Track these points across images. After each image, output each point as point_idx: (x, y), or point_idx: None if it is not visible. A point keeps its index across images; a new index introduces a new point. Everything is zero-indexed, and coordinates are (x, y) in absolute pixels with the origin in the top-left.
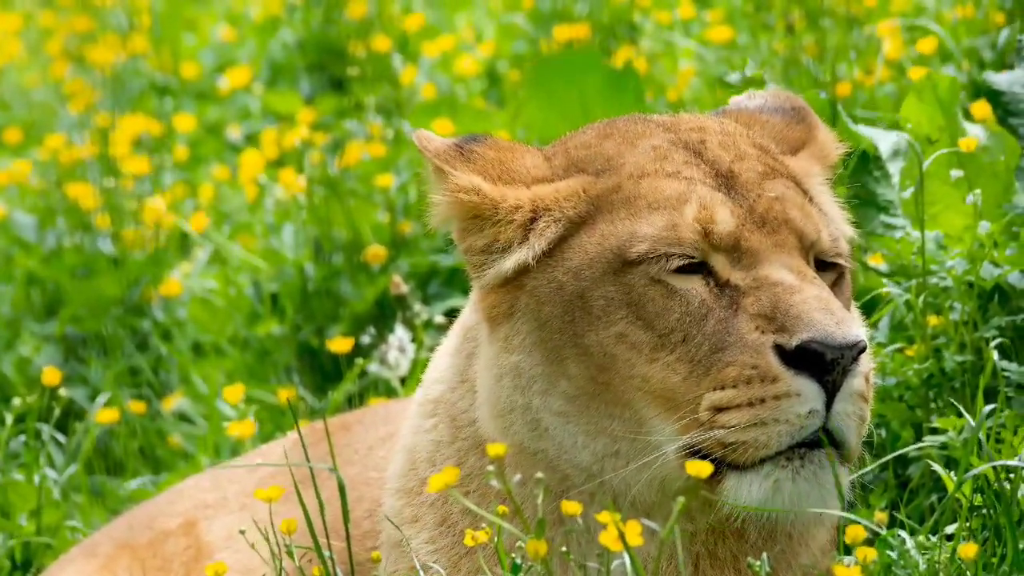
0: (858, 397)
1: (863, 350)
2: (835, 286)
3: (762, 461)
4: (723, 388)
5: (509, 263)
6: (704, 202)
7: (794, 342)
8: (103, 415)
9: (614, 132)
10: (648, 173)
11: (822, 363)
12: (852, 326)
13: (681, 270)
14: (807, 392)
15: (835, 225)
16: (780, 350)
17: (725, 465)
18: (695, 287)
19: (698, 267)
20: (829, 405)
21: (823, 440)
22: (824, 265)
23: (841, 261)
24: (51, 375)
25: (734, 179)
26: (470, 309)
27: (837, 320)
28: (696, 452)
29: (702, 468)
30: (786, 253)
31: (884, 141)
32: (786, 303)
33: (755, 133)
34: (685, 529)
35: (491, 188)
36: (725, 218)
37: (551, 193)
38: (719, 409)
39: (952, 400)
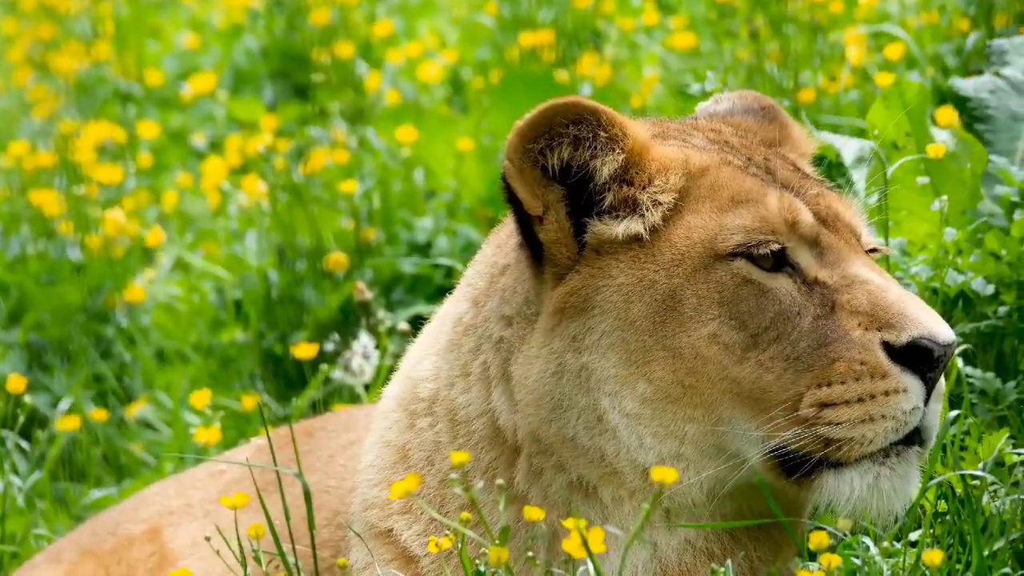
0: (941, 396)
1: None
2: None
3: (859, 459)
4: (830, 384)
5: (618, 229)
6: (783, 195)
7: (904, 338)
8: (66, 422)
9: (658, 131)
10: (725, 163)
11: (928, 360)
12: (946, 324)
13: (767, 267)
14: (913, 388)
15: None
16: (887, 347)
17: (824, 464)
18: (784, 285)
19: (783, 263)
20: (925, 403)
21: (917, 437)
22: None
23: (877, 247)
24: (15, 382)
25: (776, 176)
26: (467, 306)
27: (935, 317)
28: (782, 454)
29: (667, 474)
30: (857, 249)
31: (847, 148)
32: (885, 300)
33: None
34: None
35: (648, 137)
36: (805, 211)
37: (666, 155)
38: (825, 405)
39: None
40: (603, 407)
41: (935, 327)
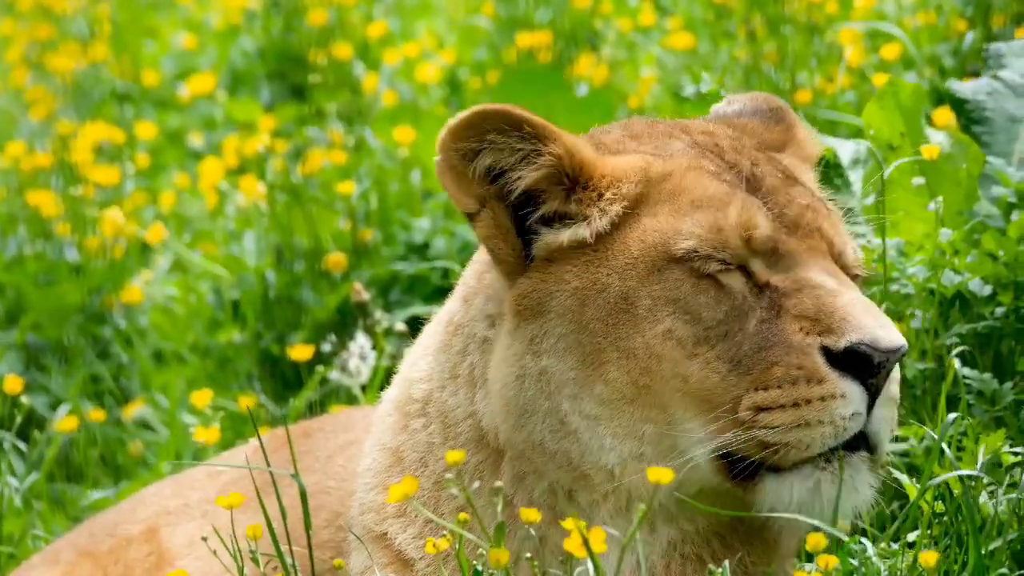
0: (893, 403)
1: (904, 355)
2: None
3: (800, 463)
4: (766, 388)
5: (563, 237)
6: (746, 205)
7: (843, 343)
8: (64, 423)
9: (643, 131)
10: (693, 167)
11: (868, 366)
12: (895, 330)
13: (722, 268)
14: (852, 394)
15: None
16: (827, 352)
17: (763, 467)
18: (737, 284)
19: (737, 268)
20: (870, 409)
21: (865, 442)
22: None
23: (861, 274)
24: (12, 383)
25: (759, 183)
26: (458, 305)
27: (882, 323)
28: (729, 454)
29: (662, 475)
30: (821, 257)
31: (844, 149)
32: (831, 305)
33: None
34: (685, 530)
35: (594, 153)
36: (764, 223)
37: (622, 166)
38: (761, 409)
39: (913, 408)
40: (564, 410)
41: (877, 333)
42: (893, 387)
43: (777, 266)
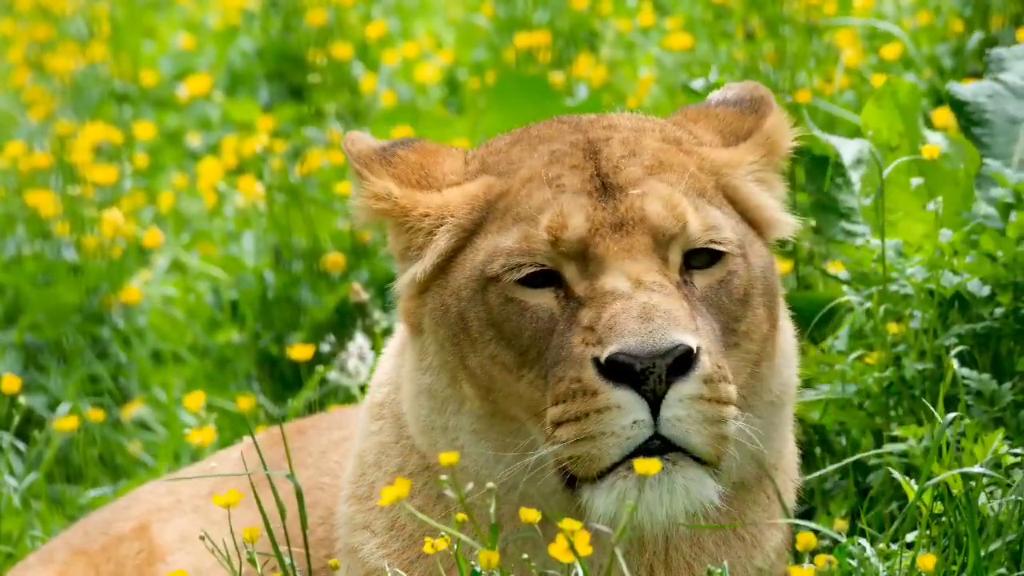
0: (695, 400)
1: (683, 355)
2: (722, 282)
3: (604, 473)
4: (557, 403)
5: (405, 278)
6: (561, 209)
7: (604, 354)
8: (62, 423)
9: (524, 136)
10: (532, 179)
11: (633, 374)
12: (671, 332)
13: (533, 283)
14: (626, 404)
15: (761, 213)
16: (597, 363)
17: (578, 478)
18: (545, 301)
19: (550, 279)
20: (656, 413)
21: (668, 447)
22: (710, 259)
23: (722, 248)
24: (11, 383)
25: (616, 177)
26: None
27: (652, 328)
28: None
29: (649, 466)
30: (631, 258)
31: (847, 149)
32: (607, 313)
33: (699, 127)
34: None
35: (402, 194)
36: (577, 224)
37: (457, 197)
38: (556, 423)
39: (912, 408)
40: (451, 426)
41: (641, 339)
42: (687, 386)
43: (587, 271)
